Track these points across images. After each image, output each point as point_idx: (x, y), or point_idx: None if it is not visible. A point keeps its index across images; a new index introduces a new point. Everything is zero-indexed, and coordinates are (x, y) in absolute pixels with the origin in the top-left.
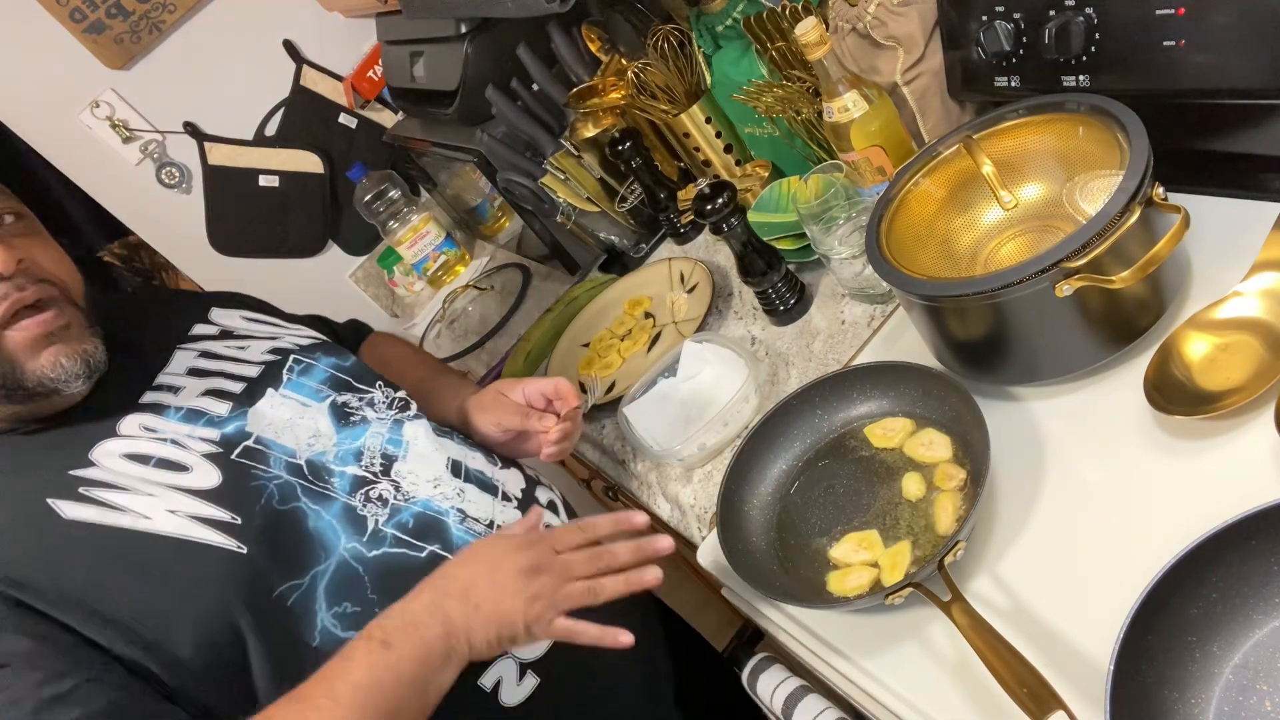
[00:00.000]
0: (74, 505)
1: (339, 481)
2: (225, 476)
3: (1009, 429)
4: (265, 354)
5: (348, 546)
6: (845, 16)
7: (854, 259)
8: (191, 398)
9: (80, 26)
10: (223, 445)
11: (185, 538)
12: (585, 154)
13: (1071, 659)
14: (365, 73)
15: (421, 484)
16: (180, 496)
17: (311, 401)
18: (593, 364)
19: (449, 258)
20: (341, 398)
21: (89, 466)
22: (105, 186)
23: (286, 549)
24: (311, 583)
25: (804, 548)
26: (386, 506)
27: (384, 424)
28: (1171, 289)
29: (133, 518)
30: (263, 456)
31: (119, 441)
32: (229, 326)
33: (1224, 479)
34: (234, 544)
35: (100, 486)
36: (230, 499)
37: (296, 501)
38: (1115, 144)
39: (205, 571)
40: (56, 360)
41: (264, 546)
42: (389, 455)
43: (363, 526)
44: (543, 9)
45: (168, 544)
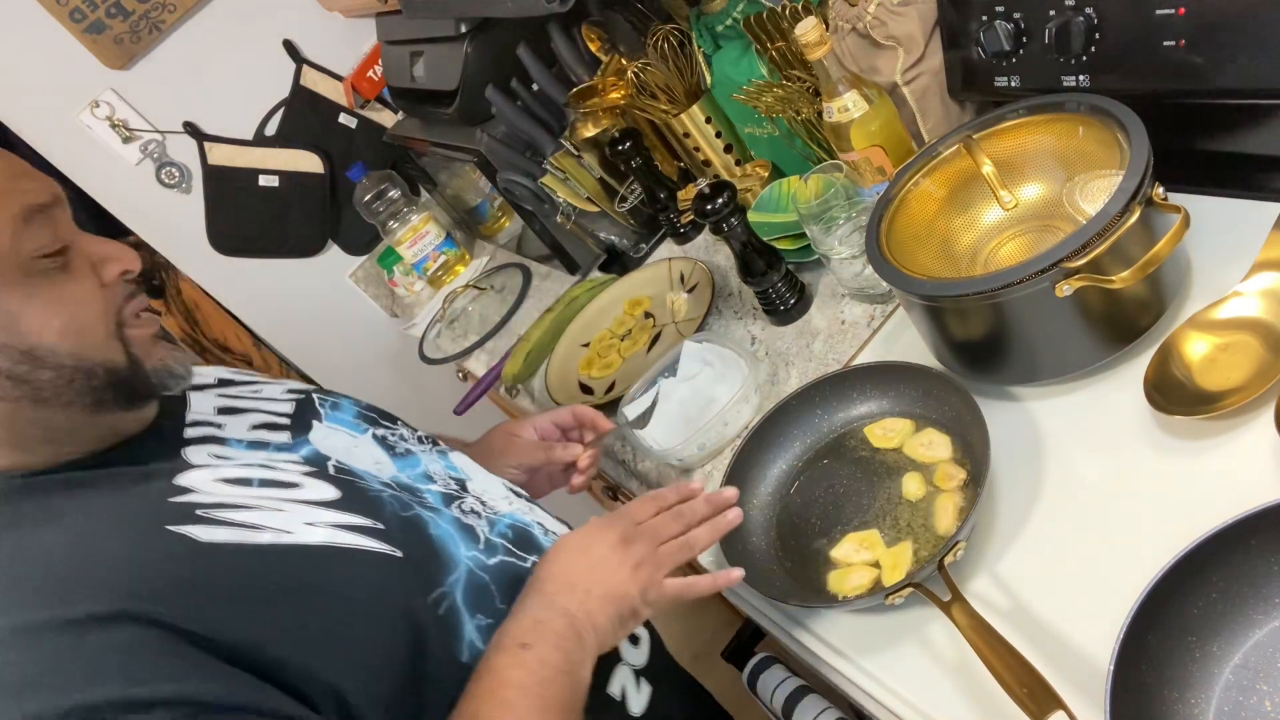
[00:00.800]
0: (204, 529)
1: (430, 497)
2: (340, 489)
3: (1009, 429)
4: (286, 394)
5: (468, 555)
6: (845, 16)
7: (854, 259)
8: (243, 430)
9: (80, 26)
10: (312, 464)
11: (339, 544)
12: (585, 154)
13: (1071, 659)
14: (365, 73)
15: (499, 501)
16: (310, 509)
17: (356, 433)
18: (593, 364)
19: (449, 258)
20: (379, 431)
21: (188, 493)
22: (105, 186)
23: (426, 555)
24: (452, 591)
25: (804, 548)
26: (483, 518)
27: (430, 454)
28: (1171, 289)
29: (274, 534)
30: (356, 473)
31: (201, 471)
32: (222, 376)
33: (1224, 479)
34: (387, 547)
35: (217, 508)
36: (359, 506)
37: (414, 509)
38: (1115, 144)
39: (371, 577)
40: (170, 356)
41: (412, 549)
42: (457, 478)
43: (474, 535)
44: (543, 9)
45: (324, 554)
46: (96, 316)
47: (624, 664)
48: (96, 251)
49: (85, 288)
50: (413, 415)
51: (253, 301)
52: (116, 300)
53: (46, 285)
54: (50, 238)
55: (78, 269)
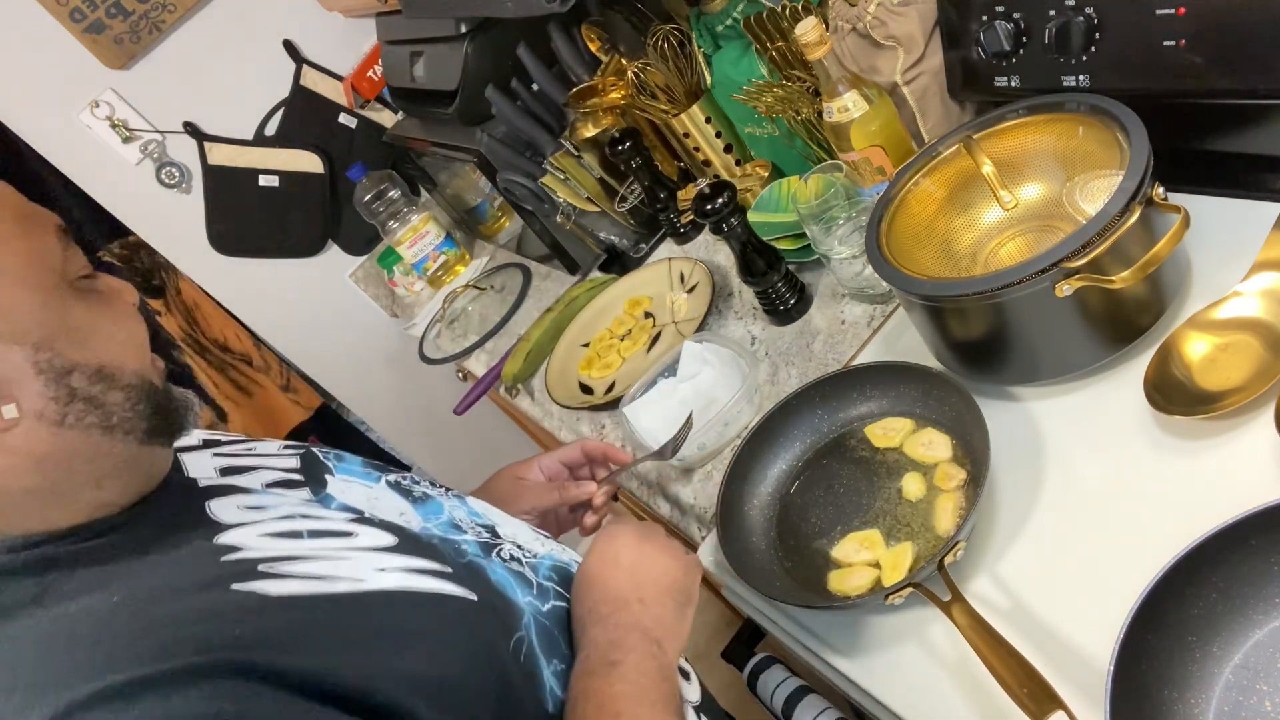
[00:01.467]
0: (273, 583)
1: (469, 548)
2: (396, 536)
3: (1009, 429)
4: (285, 448)
5: (526, 600)
6: (845, 16)
7: (854, 259)
8: (258, 487)
9: (80, 26)
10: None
11: (416, 589)
12: (585, 154)
13: (1071, 659)
14: (365, 73)
15: (532, 543)
16: (375, 555)
17: (370, 482)
18: (593, 364)
19: (449, 258)
20: (392, 476)
21: (238, 551)
22: (105, 186)
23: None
24: (527, 635)
25: (804, 548)
26: (525, 564)
27: (448, 498)
28: (1171, 289)
29: (348, 583)
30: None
31: (241, 529)
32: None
33: (1224, 479)
34: (463, 591)
35: (279, 561)
36: (424, 552)
37: (468, 555)
38: (1115, 144)
39: (456, 620)
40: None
41: (485, 593)
42: (484, 524)
43: (526, 581)
44: (543, 9)
45: (402, 599)
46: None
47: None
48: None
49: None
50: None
51: (253, 301)
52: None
53: (100, 303)
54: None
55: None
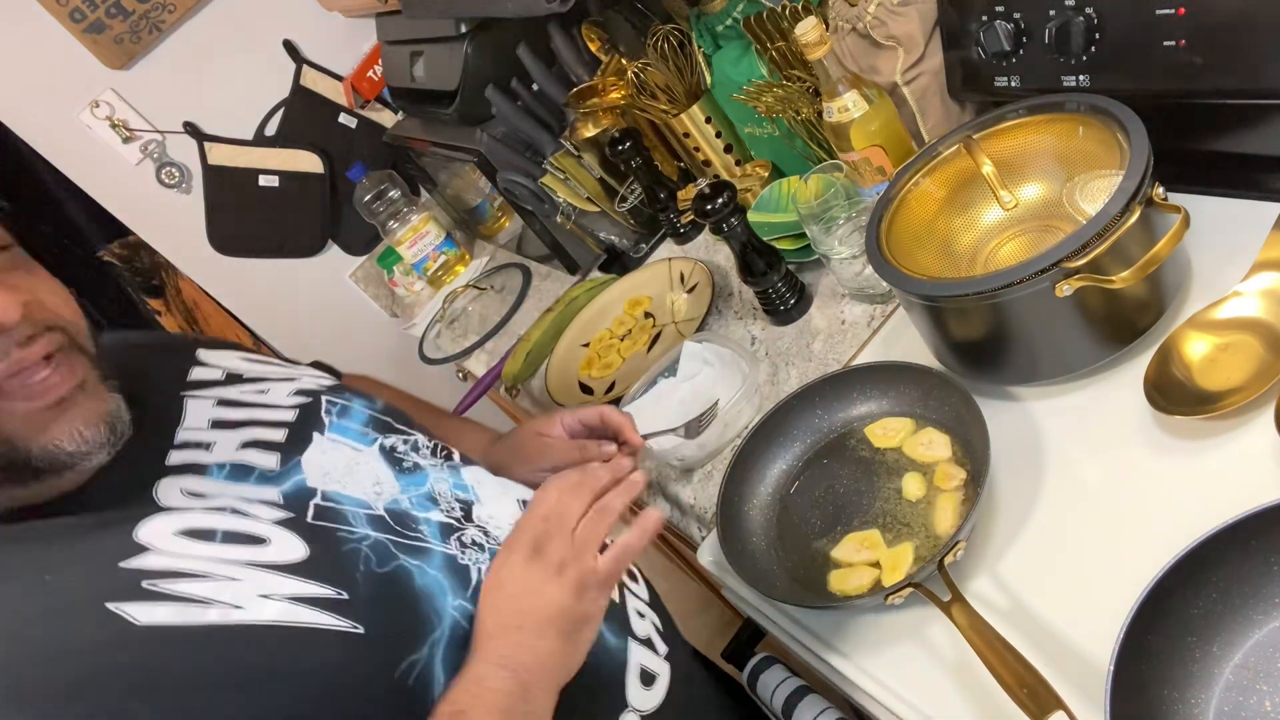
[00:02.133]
0: (144, 606)
1: (427, 529)
2: (311, 545)
3: (1009, 429)
4: (292, 396)
5: (455, 604)
6: (845, 16)
7: (854, 259)
8: (230, 452)
9: (80, 26)
10: (290, 507)
11: (292, 624)
12: (585, 154)
13: (1071, 659)
14: (365, 73)
15: (506, 526)
16: (269, 575)
17: (361, 445)
18: (593, 364)
19: (449, 258)
20: (388, 441)
21: (142, 553)
22: (105, 186)
23: (401, 619)
24: (430, 654)
25: (804, 548)
26: (485, 552)
27: (440, 470)
28: (1171, 289)
29: (222, 610)
30: (339, 515)
31: (166, 517)
32: (231, 369)
33: (1224, 479)
34: (347, 624)
35: (167, 576)
36: (326, 570)
37: (396, 560)
38: (1115, 144)
39: (324, 660)
40: (72, 430)
41: (379, 620)
42: (464, 500)
43: (466, 578)
44: (543, 9)
45: (274, 635)
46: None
47: (631, 710)
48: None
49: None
50: None
51: (253, 301)
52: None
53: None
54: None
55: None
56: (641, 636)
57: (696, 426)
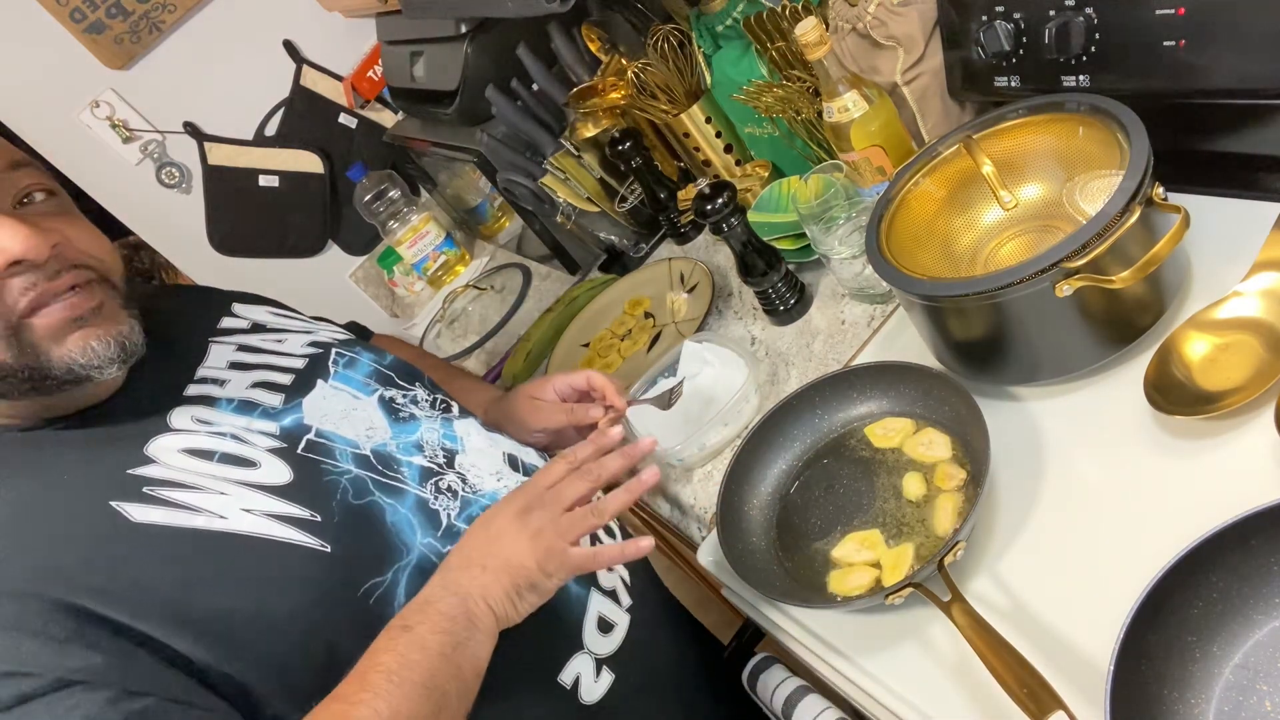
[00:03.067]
0: (141, 507)
1: (408, 471)
2: (296, 472)
3: (1009, 429)
4: (305, 347)
5: (424, 542)
6: (845, 16)
7: (854, 259)
8: (241, 389)
9: (80, 26)
10: (285, 439)
11: (267, 536)
12: (585, 154)
13: (1071, 659)
14: (365, 73)
15: (486, 477)
16: (254, 494)
17: (361, 394)
18: (593, 364)
19: (449, 258)
20: (388, 393)
21: (148, 464)
22: (105, 186)
23: (369, 545)
24: (394, 579)
25: (804, 548)
26: (457, 499)
27: (434, 421)
28: (1171, 289)
29: (207, 518)
30: (327, 450)
31: (174, 436)
32: (258, 320)
33: (1224, 479)
34: (316, 542)
35: (166, 485)
36: (305, 495)
37: (371, 496)
38: (1115, 144)
39: (290, 571)
40: (85, 344)
41: (346, 543)
42: (448, 449)
43: (436, 521)
44: (543, 9)
45: (249, 544)
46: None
47: (585, 652)
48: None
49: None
50: None
51: None
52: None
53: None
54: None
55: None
56: (606, 588)
57: (668, 399)
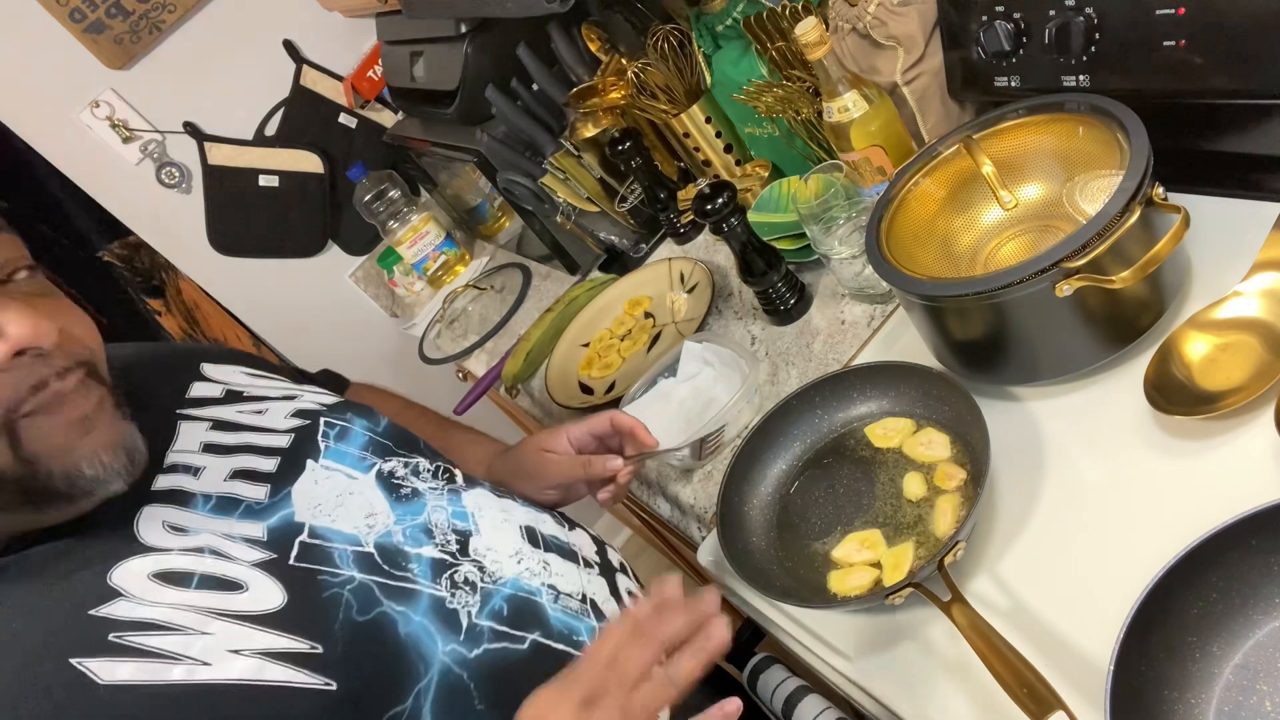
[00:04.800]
0: (109, 663)
1: (418, 568)
2: (290, 592)
3: (1009, 429)
4: (290, 418)
5: (446, 650)
6: (845, 16)
7: (854, 259)
8: (218, 482)
9: (80, 26)
10: (273, 547)
11: (260, 683)
12: (585, 154)
13: (1071, 659)
14: (365, 73)
15: (505, 560)
16: (241, 629)
17: (357, 473)
18: (593, 364)
19: (449, 258)
20: (387, 465)
21: (114, 599)
22: (105, 186)
23: (382, 670)
24: (415, 704)
25: (804, 548)
26: (476, 593)
27: (440, 495)
28: (1171, 289)
29: (188, 667)
30: (324, 554)
31: (144, 559)
32: (233, 385)
33: (1224, 479)
34: (320, 681)
35: (136, 629)
36: (303, 622)
37: (379, 607)
38: (1115, 144)
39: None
40: (95, 456)
41: (356, 674)
42: (460, 530)
43: (456, 623)
44: (543, 9)
45: (240, 695)
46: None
47: None
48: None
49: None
50: None
51: (253, 301)
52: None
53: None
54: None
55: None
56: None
57: (701, 448)
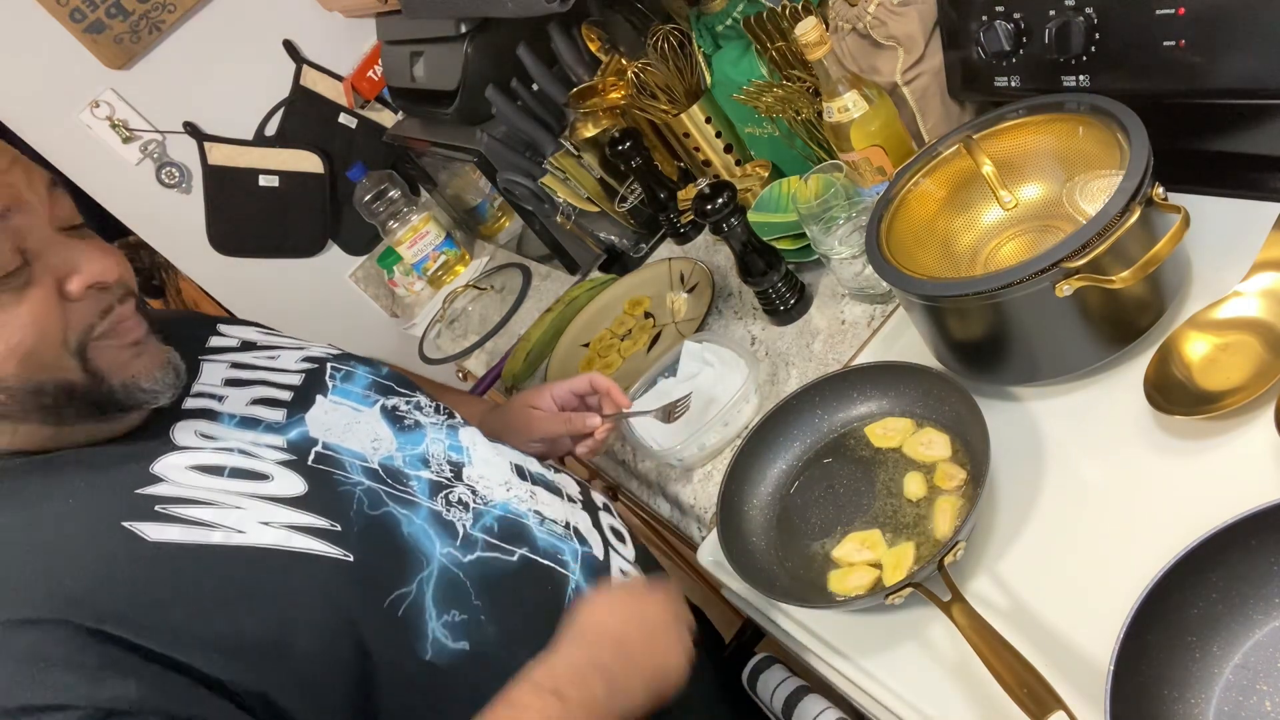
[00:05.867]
0: (156, 526)
1: (417, 485)
2: (310, 483)
3: (1009, 429)
4: (300, 362)
5: (443, 552)
6: (845, 16)
7: (854, 259)
8: (241, 405)
9: (80, 26)
10: (293, 451)
11: (288, 548)
12: (585, 154)
13: (1071, 659)
14: (365, 73)
15: (495, 488)
16: (270, 506)
17: (363, 406)
18: (593, 364)
19: (449, 258)
20: (390, 401)
21: (157, 483)
22: (105, 186)
23: (390, 556)
24: (419, 590)
25: (804, 548)
26: (469, 511)
27: (439, 429)
28: (1171, 289)
29: (225, 533)
30: (337, 462)
31: (181, 454)
32: (247, 338)
33: (1224, 479)
34: (339, 551)
35: (178, 503)
36: (322, 505)
37: (386, 506)
38: (1115, 144)
39: (316, 583)
40: (150, 371)
41: (369, 553)
42: (455, 461)
43: (453, 531)
44: (543, 9)
45: (271, 557)
46: (46, 338)
47: None
48: (64, 263)
49: (38, 309)
50: None
51: (253, 301)
52: (85, 316)
53: None
54: (7, 254)
55: (37, 284)
56: None
57: (671, 411)
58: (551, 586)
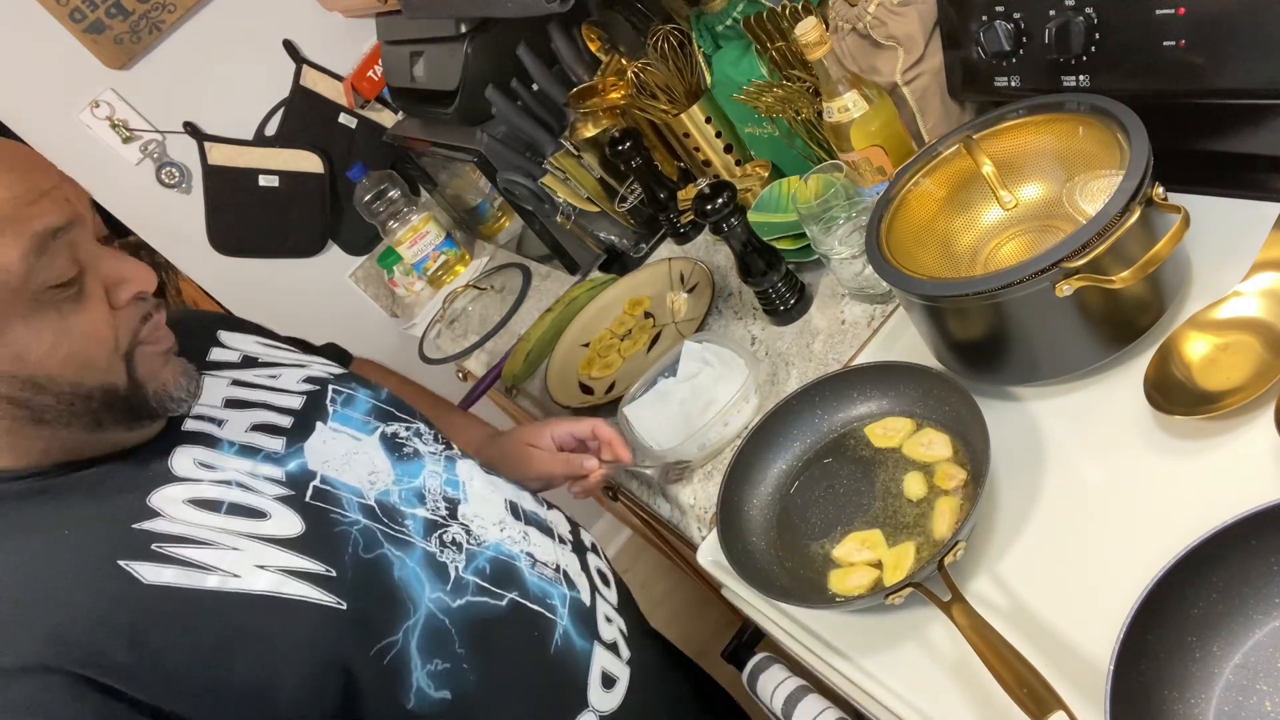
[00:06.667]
0: (152, 567)
1: (412, 524)
2: (307, 522)
3: (1009, 429)
4: (301, 384)
5: (432, 597)
6: (845, 16)
7: (854, 259)
8: (240, 431)
9: (80, 26)
10: (291, 486)
11: (282, 595)
12: (585, 154)
13: (1071, 659)
14: (365, 73)
15: (489, 527)
16: (266, 548)
17: (362, 434)
18: (593, 364)
19: (449, 258)
20: (390, 428)
21: (154, 517)
22: (105, 186)
23: (380, 602)
24: (404, 639)
25: (804, 548)
26: (462, 552)
27: (437, 461)
28: (1171, 289)
29: (221, 577)
30: (335, 499)
31: (179, 486)
32: (248, 352)
33: (1224, 479)
34: (332, 599)
35: (175, 542)
36: (318, 548)
37: (381, 548)
38: (1115, 144)
39: (307, 630)
40: (177, 379)
41: (360, 600)
42: (450, 498)
43: (445, 574)
44: (543, 9)
45: (264, 604)
46: (103, 344)
47: (590, 710)
48: (113, 273)
49: (95, 317)
50: None
51: (253, 301)
52: (130, 323)
53: (56, 316)
54: (66, 264)
55: (90, 294)
56: (608, 641)
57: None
58: (538, 632)
